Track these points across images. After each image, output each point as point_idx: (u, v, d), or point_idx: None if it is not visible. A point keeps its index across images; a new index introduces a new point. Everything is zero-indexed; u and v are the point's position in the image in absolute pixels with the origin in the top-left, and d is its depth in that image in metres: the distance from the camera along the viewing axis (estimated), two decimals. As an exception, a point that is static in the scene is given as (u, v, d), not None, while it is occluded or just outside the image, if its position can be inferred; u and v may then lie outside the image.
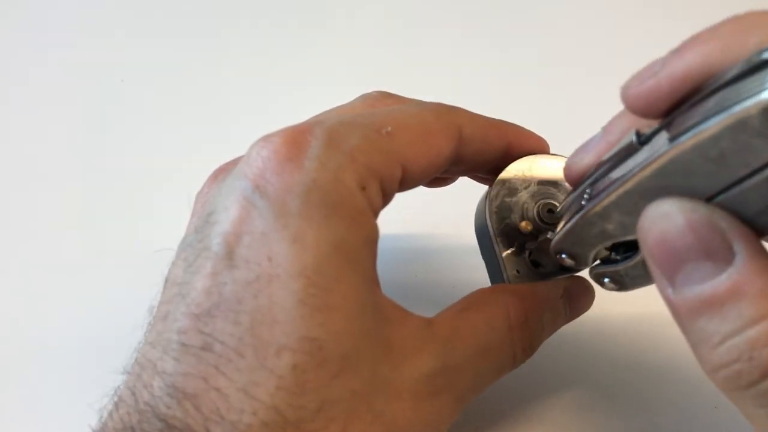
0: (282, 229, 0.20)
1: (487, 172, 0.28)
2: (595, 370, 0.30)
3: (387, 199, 0.23)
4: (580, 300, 0.27)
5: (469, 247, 0.28)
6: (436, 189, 0.30)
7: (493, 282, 0.27)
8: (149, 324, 0.22)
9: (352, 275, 0.20)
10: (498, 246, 0.26)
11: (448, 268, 0.34)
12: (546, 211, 0.26)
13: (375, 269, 0.22)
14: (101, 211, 0.39)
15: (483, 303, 0.24)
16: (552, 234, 0.24)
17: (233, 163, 0.24)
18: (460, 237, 0.28)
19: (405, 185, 0.23)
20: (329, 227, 0.20)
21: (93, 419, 0.21)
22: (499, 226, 0.26)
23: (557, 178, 0.27)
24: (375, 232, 0.22)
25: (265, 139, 0.21)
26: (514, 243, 0.26)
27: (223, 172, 0.23)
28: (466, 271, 0.27)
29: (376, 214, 0.22)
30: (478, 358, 0.23)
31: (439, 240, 0.36)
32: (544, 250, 0.25)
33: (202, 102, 0.47)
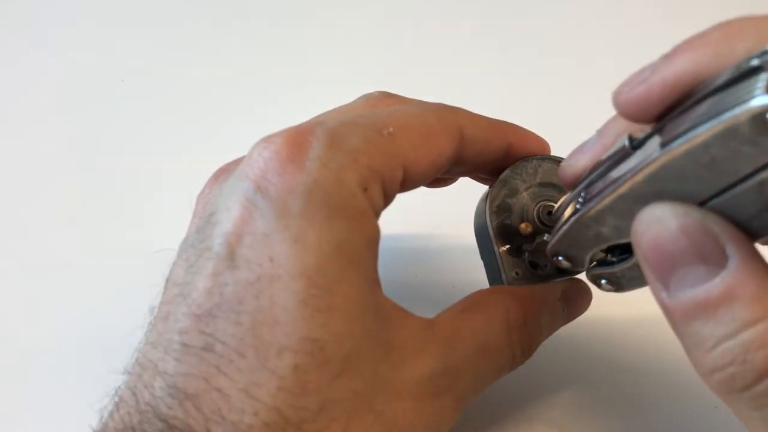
0: (283, 230, 0.20)
1: (487, 173, 0.28)
2: (595, 371, 0.30)
3: (388, 200, 0.23)
4: (577, 302, 0.27)
5: (469, 247, 0.28)
6: (436, 189, 0.30)
7: (491, 282, 0.27)
8: (150, 324, 0.22)
9: (353, 276, 0.20)
10: (497, 247, 0.26)
11: (448, 269, 0.34)
12: (546, 212, 0.26)
13: (376, 270, 0.22)
14: (101, 211, 0.39)
15: (483, 305, 0.24)
16: (549, 236, 0.24)
17: (235, 163, 0.24)
18: (460, 237, 0.28)
19: (406, 186, 0.23)
20: (331, 228, 0.20)
21: (93, 419, 0.21)
22: (498, 227, 0.26)
23: (557, 180, 0.27)
24: (376, 232, 0.22)
25: (267, 139, 0.21)
26: (513, 244, 0.26)
27: (224, 173, 0.23)
28: (466, 272, 0.27)
29: (378, 215, 0.22)
30: (478, 359, 0.23)
31: (439, 240, 0.36)
32: (542, 251, 0.25)
33: (203, 102, 0.46)
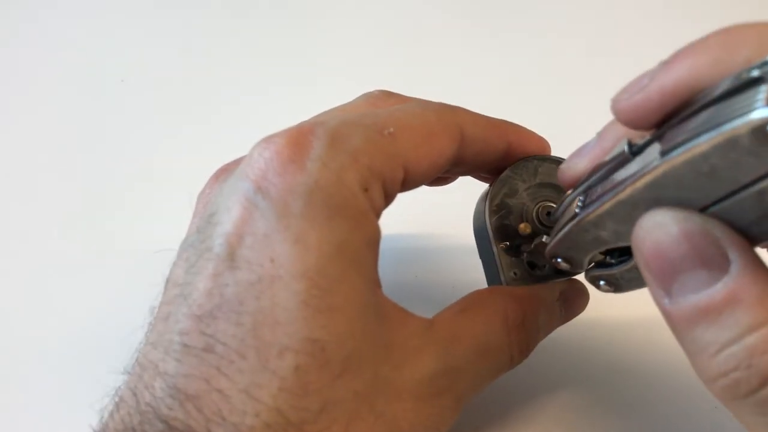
0: (284, 230, 0.20)
1: (488, 172, 0.28)
2: (595, 372, 0.30)
3: (389, 200, 0.23)
4: (575, 302, 0.27)
5: (469, 247, 0.28)
6: (436, 190, 0.30)
7: (489, 282, 0.27)
8: (150, 324, 0.22)
9: (354, 276, 0.20)
10: (496, 247, 0.26)
11: (448, 269, 0.34)
12: (545, 213, 0.26)
13: (377, 270, 0.22)
14: (101, 212, 0.39)
15: (481, 305, 0.24)
16: (547, 238, 0.24)
17: (235, 163, 0.24)
18: (460, 237, 0.28)
19: (407, 186, 0.23)
20: (331, 228, 0.20)
21: (94, 419, 0.21)
22: (497, 227, 0.26)
23: (557, 181, 0.26)
24: (377, 233, 0.22)
25: (267, 139, 0.21)
26: (512, 244, 0.26)
27: (224, 173, 0.23)
28: (466, 272, 0.27)
29: (378, 215, 0.22)
30: (478, 359, 0.23)
31: (439, 240, 0.36)
32: (541, 252, 0.25)
33: (203, 102, 0.46)
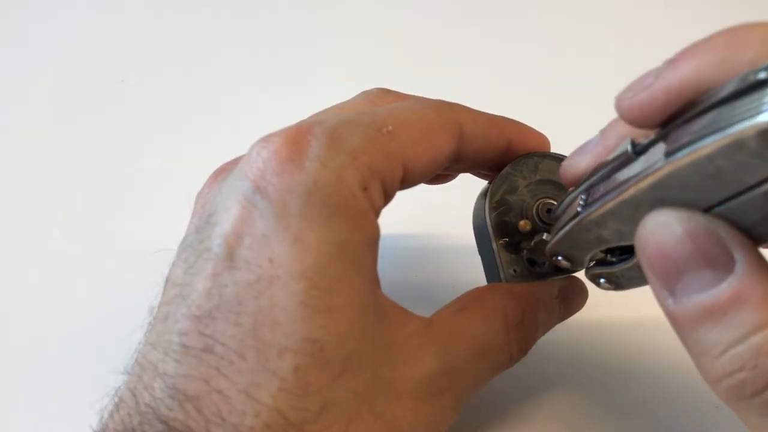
0: (283, 231, 0.19)
1: (488, 169, 0.28)
2: (596, 372, 0.30)
3: (388, 199, 0.23)
4: (574, 300, 0.27)
5: (469, 247, 0.27)
6: (436, 189, 0.30)
7: (489, 279, 0.27)
8: (149, 325, 0.22)
9: (353, 276, 0.20)
10: (496, 244, 0.26)
11: (448, 268, 0.34)
12: (545, 210, 0.26)
13: (376, 270, 0.22)
14: (101, 211, 0.39)
15: (481, 303, 0.24)
16: (548, 235, 0.24)
17: (233, 162, 0.24)
18: (460, 237, 0.28)
19: (406, 184, 0.23)
20: (331, 228, 0.20)
21: (93, 419, 0.21)
22: (497, 223, 0.26)
23: (557, 178, 0.26)
24: (376, 232, 0.22)
25: (266, 139, 0.21)
26: (511, 241, 0.26)
27: (223, 172, 0.23)
28: (466, 271, 0.27)
29: (378, 214, 0.22)
30: (477, 358, 0.23)
31: (439, 240, 0.36)
32: (541, 249, 0.25)
33: (202, 102, 0.46)
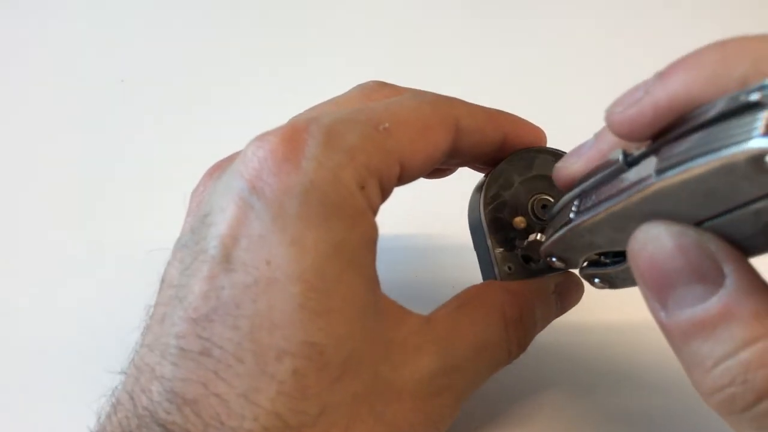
0: (280, 232, 0.19)
1: (484, 163, 0.27)
2: (597, 374, 0.30)
3: (385, 196, 0.23)
4: (570, 295, 0.27)
5: (468, 246, 0.27)
6: (435, 189, 0.30)
7: (484, 274, 0.27)
8: (145, 325, 0.22)
9: (352, 277, 0.20)
10: (491, 241, 0.26)
11: (448, 268, 0.34)
12: (540, 206, 0.26)
13: (375, 269, 0.21)
14: (100, 211, 0.38)
15: (478, 301, 0.24)
16: (541, 236, 0.24)
17: (228, 160, 0.23)
18: (459, 236, 0.28)
19: (403, 180, 0.23)
20: (328, 229, 0.20)
21: (91, 419, 0.21)
22: (492, 219, 0.26)
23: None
24: (374, 231, 0.21)
25: (261, 138, 0.21)
26: (506, 238, 0.26)
27: (218, 170, 0.23)
28: (466, 271, 0.27)
29: (375, 213, 0.22)
30: (476, 356, 0.23)
31: (439, 239, 0.36)
32: (535, 249, 0.25)
33: (201, 101, 0.46)
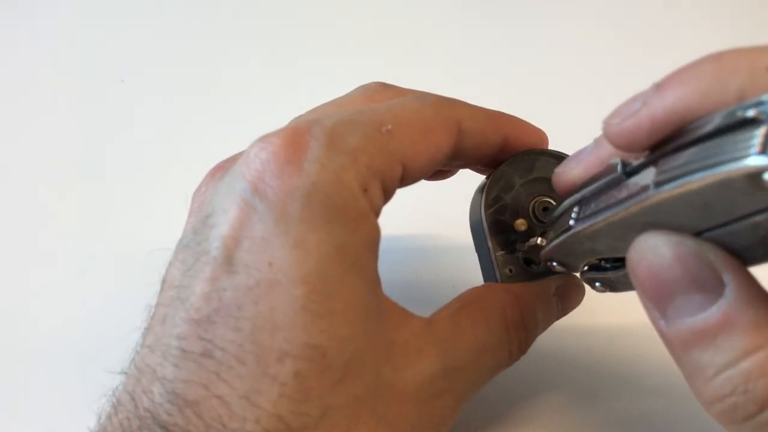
0: (282, 234, 0.19)
1: (485, 165, 0.27)
2: (597, 376, 0.30)
3: (387, 198, 0.23)
4: (571, 297, 0.27)
5: (469, 247, 0.27)
6: (436, 190, 0.30)
7: (485, 274, 0.27)
8: (146, 326, 0.21)
9: (354, 279, 0.20)
10: (491, 244, 0.26)
11: (450, 269, 0.34)
12: (542, 209, 0.26)
13: (377, 271, 0.21)
14: (101, 211, 0.38)
15: (480, 303, 0.24)
16: (542, 240, 0.24)
17: (230, 160, 0.23)
18: (460, 237, 0.28)
19: (405, 182, 0.23)
20: (331, 231, 0.20)
21: (91, 420, 0.21)
22: (493, 222, 0.26)
23: None
24: (377, 233, 0.21)
25: (264, 139, 0.21)
26: (507, 240, 0.26)
27: (220, 171, 0.23)
28: (467, 272, 0.27)
29: (378, 214, 0.22)
30: (478, 358, 0.23)
31: (439, 240, 0.36)
32: (536, 253, 0.25)
33: (201, 101, 0.46)
